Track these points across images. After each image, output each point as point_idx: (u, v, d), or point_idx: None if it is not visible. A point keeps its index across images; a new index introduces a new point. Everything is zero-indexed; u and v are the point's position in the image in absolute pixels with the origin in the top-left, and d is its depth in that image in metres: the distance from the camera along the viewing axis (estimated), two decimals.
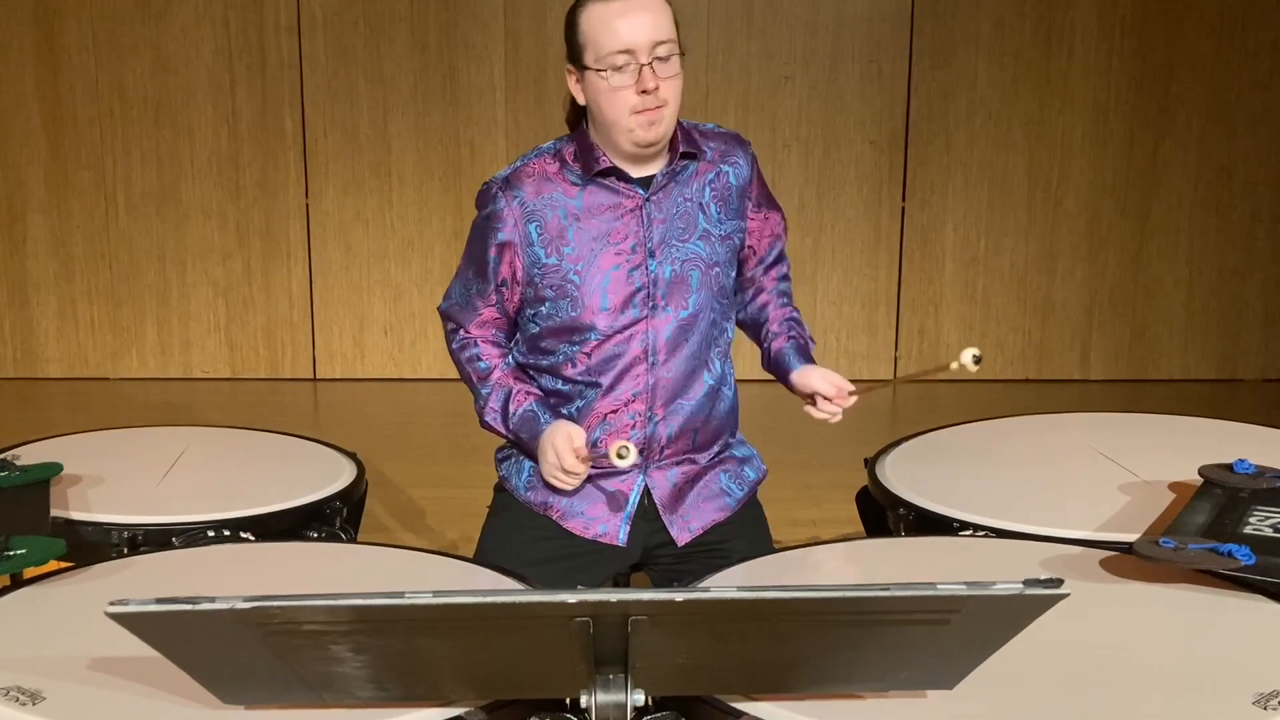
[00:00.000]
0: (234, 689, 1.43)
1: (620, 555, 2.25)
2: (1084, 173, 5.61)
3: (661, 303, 2.18)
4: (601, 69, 2.08)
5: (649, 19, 2.07)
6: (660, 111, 2.10)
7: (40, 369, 5.82)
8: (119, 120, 5.61)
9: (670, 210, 2.20)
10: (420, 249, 5.71)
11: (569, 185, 2.17)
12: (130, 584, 1.88)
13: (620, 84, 2.07)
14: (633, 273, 2.16)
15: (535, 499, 2.26)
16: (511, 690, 1.47)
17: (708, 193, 2.23)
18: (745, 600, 1.26)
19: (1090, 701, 1.49)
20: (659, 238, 2.18)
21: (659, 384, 2.20)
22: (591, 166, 2.16)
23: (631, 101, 2.08)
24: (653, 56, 2.07)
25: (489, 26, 5.54)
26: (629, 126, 2.10)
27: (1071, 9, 5.48)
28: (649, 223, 2.18)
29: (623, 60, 2.06)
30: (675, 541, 2.24)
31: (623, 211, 2.17)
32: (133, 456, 2.62)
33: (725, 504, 2.29)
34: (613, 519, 2.22)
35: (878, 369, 5.75)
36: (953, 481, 2.35)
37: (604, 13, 2.07)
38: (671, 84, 2.10)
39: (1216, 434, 2.64)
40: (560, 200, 2.16)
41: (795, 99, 5.57)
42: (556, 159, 2.20)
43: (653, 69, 2.07)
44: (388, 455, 4.42)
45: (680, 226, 2.20)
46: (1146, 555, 1.80)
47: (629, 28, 2.06)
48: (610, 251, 2.16)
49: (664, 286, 2.18)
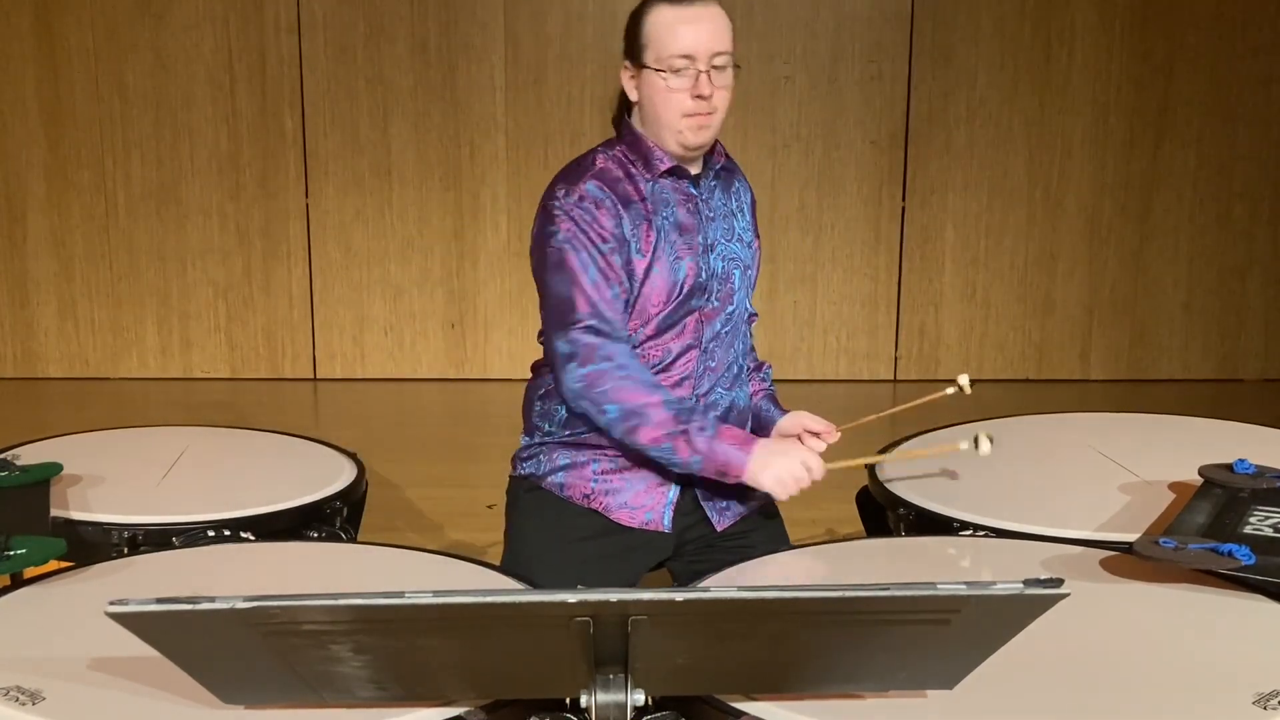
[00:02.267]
0: (234, 689, 1.43)
1: (662, 544, 2.28)
2: (1084, 173, 5.61)
3: (715, 295, 2.25)
4: (661, 69, 2.14)
5: (712, 28, 2.14)
6: (710, 118, 2.17)
7: (40, 369, 5.82)
8: (119, 120, 5.61)
9: (717, 210, 2.29)
10: (420, 249, 5.71)
11: (633, 183, 2.21)
12: (130, 584, 1.88)
13: (677, 86, 2.14)
14: (698, 262, 2.22)
15: (577, 494, 2.27)
16: (511, 690, 1.47)
17: (734, 202, 2.34)
18: (745, 600, 1.26)
19: (1090, 701, 1.49)
20: (713, 234, 2.26)
21: (706, 372, 2.26)
22: (655, 167, 2.21)
23: (685, 105, 2.14)
24: (710, 65, 2.13)
25: (489, 26, 5.54)
26: (679, 128, 2.16)
27: (1071, 9, 5.48)
28: (704, 220, 2.25)
29: (682, 64, 2.13)
30: (715, 527, 2.28)
31: (686, 206, 2.23)
32: (133, 456, 2.62)
33: (755, 493, 2.32)
34: (657, 505, 2.26)
35: (878, 369, 5.76)
36: (953, 481, 2.36)
37: (671, 16, 2.14)
38: (723, 94, 2.17)
39: (1216, 434, 2.65)
40: (634, 197, 2.20)
41: (795, 99, 5.57)
42: (613, 162, 2.22)
43: (709, 76, 2.13)
44: (388, 455, 4.42)
45: (725, 227, 2.29)
46: (1146, 555, 1.80)
47: (693, 34, 2.12)
48: (680, 243, 2.21)
49: (717, 281, 2.25)
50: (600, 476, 2.26)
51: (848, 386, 5.71)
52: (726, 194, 2.32)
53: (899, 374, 5.77)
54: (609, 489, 2.25)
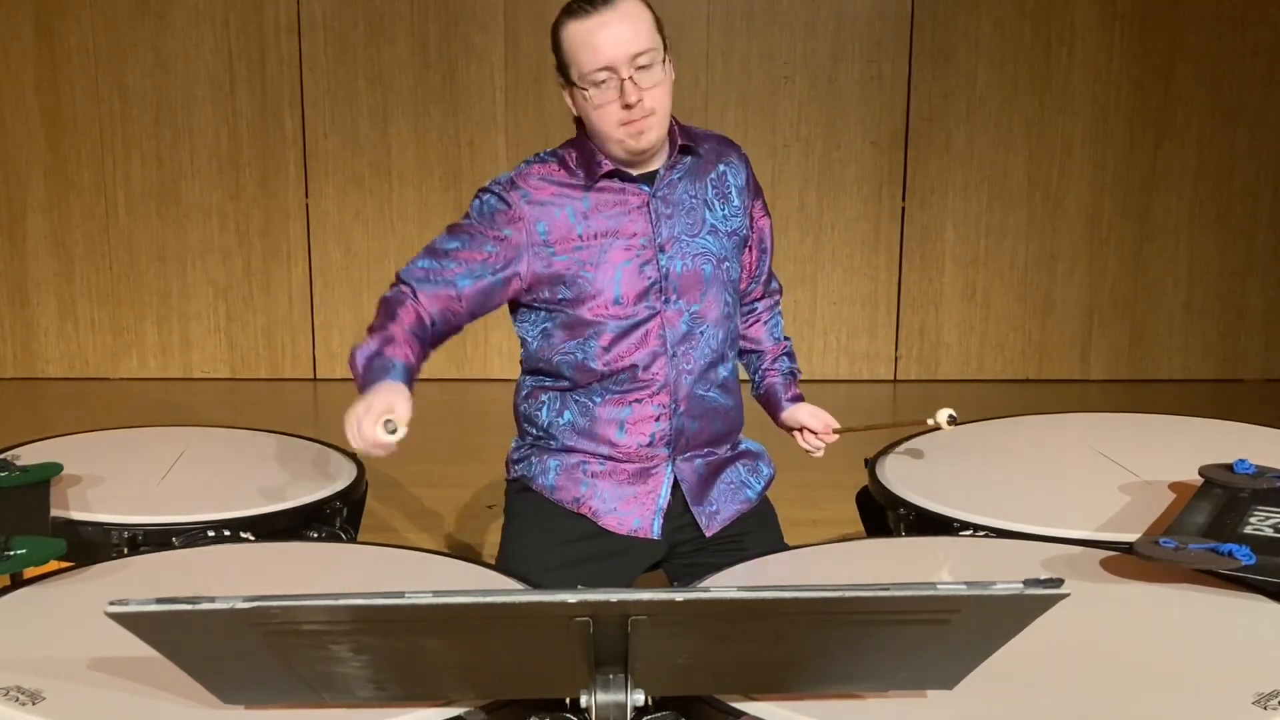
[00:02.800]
0: (234, 689, 1.43)
1: (651, 549, 2.27)
2: (1084, 173, 5.61)
3: (674, 296, 2.21)
4: (584, 87, 2.10)
5: (626, 30, 2.07)
6: (647, 121, 2.11)
7: (40, 369, 5.82)
8: (119, 120, 5.61)
9: (676, 206, 2.22)
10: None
11: (575, 188, 2.19)
12: (130, 584, 1.88)
13: (603, 100, 2.09)
14: (644, 268, 2.19)
15: (566, 497, 2.26)
16: (511, 690, 1.47)
17: (710, 189, 2.27)
18: (745, 600, 1.26)
19: (1090, 701, 1.49)
20: (668, 233, 2.20)
21: (680, 375, 2.23)
22: (595, 171, 2.17)
23: (617, 115, 2.10)
24: (633, 69, 2.07)
25: (489, 26, 5.54)
26: (618, 138, 2.13)
27: (1071, 9, 5.49)
28: (656, 219, 2.20)
29: (603, 76, 2.08)
30: (704, 532, 2.27)
31: (630, 209, 2.19)
32: (133, 456, 2.62)
33: (747, 496, 2.34)
34: (646, 512, 2.25)
35: (878, 369, 5.76)
36: (953, 481, 2.36)
37: (580, 30, 2.08)
38: (656, 92, 2.11)
39: (1216, 434, 2.65)
40: (567, 201, 2.18)
41: (795, 99, 5.57)
42: (560, 165, 2.21)
43: (634, 82, 2.07)
44: (388, 455, 4.42)
45: (688, 222, 2.23)
46: (1146, 555, 1.80)
47: (607, 43, 2.06)
48: (620, 247, 2.18)
49: (675, 280, 2.21)
50: (589, 480, 2.25)
51: (848, 386, 5.71)
52: (696, 184, 2.25)
53: (899, 374, 5.78)
54: (597, 494, 2.24)
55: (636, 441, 2.23)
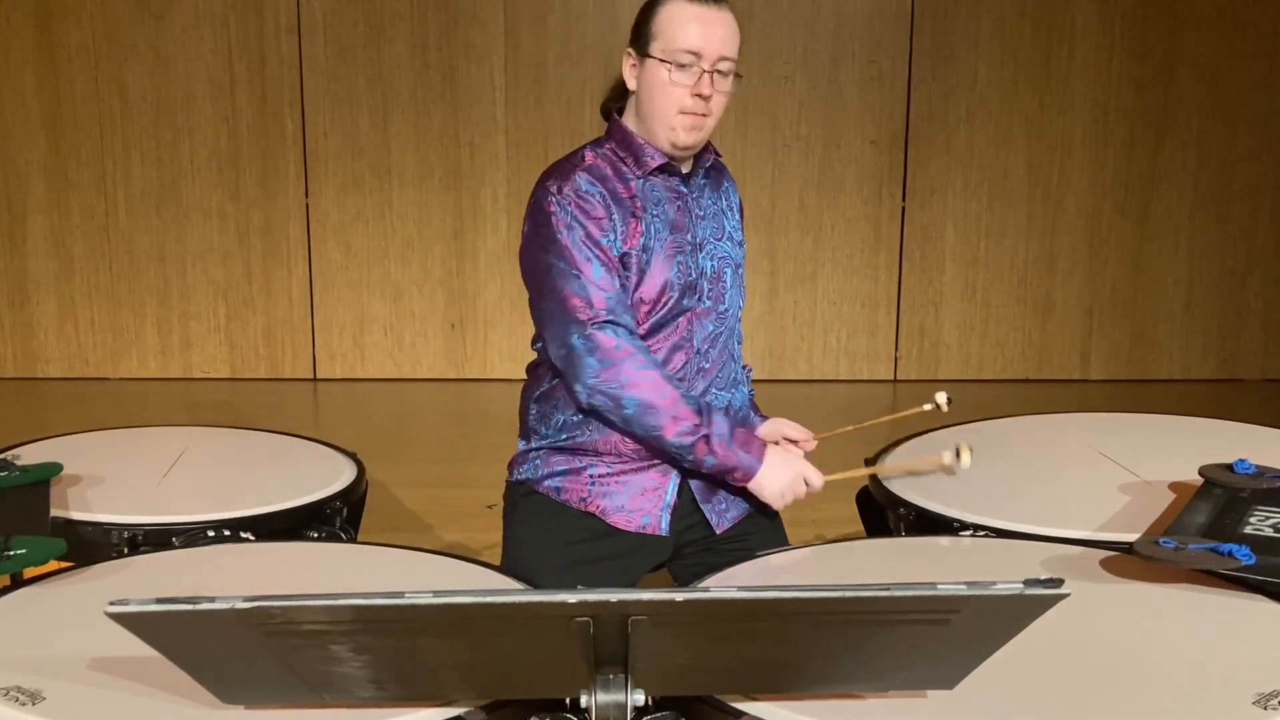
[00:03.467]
0: (234, 689, 1.43)
1: (660, 547, 2.27)
2: (1084, 173, 5.61)
3: (705, 295, 2.25)
4: (667, 61, 2.13)
5: (724, 32, 2.14)
6: (705, 120, 2.16)
7: (40, 369, 5.82)
8: (119, 120, 5.61)
9: (707, 209, 2.28)
10: (420, 249, 5.71)
11: (623, 179, 2.20)
12: (130, 584, 1.88)
13: (680, 81, 2.13)
14: (687, 262, 2.22)
15: (574, 497, 2.26)
16: (511, 690, 1.47)
17: (723, 200, 2.34)
18: (745, 600, 1.26)
19: (1090, 701, 1.49)
20: (702, 233, 2.25)
21: (699, 374, 2.25)
22: (645, 163, 2.20)
23: (684, 101, 2.14)
24: (715, 67, 2.13)
25: (489, 26, 5.54)
26: (672, 125, 2.16)
27: (1071, 9, 5.49)
28: (694, 217, 2.25)
29: (689, 60, 2.12)
30: (714, 529, 2.28)
31: (674, 204, 2.23)
32: (133, 456, 2.62)
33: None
34: (654, 509, 2.25)
35: (877, 369, 5.76)
36: (953, 481, 2.35)
37: (686, 11, 2.13)
38: (721, 99, 2.17)
39: (1216, 434, 2.64)
40: (623, 194, 2.19)
41: (795, 99, 5.57)
42: (602, 160, 2.21)
43: (712, 79, 2.13)
44: (388, 455, 4.42)
45: (714, 226, 2.29)
46: (1146, 555, 1.80)
47: (704, 33, 2.12)
48: (670, 241, 2.20)
49: (707, 280, 2.25)
50: (597, 480, 2.25)
51: (848, 386, 5.71)
52: (716, 193, 2.32)
53: (899, 374, 5.78)
54: (605, 492, 2.25)
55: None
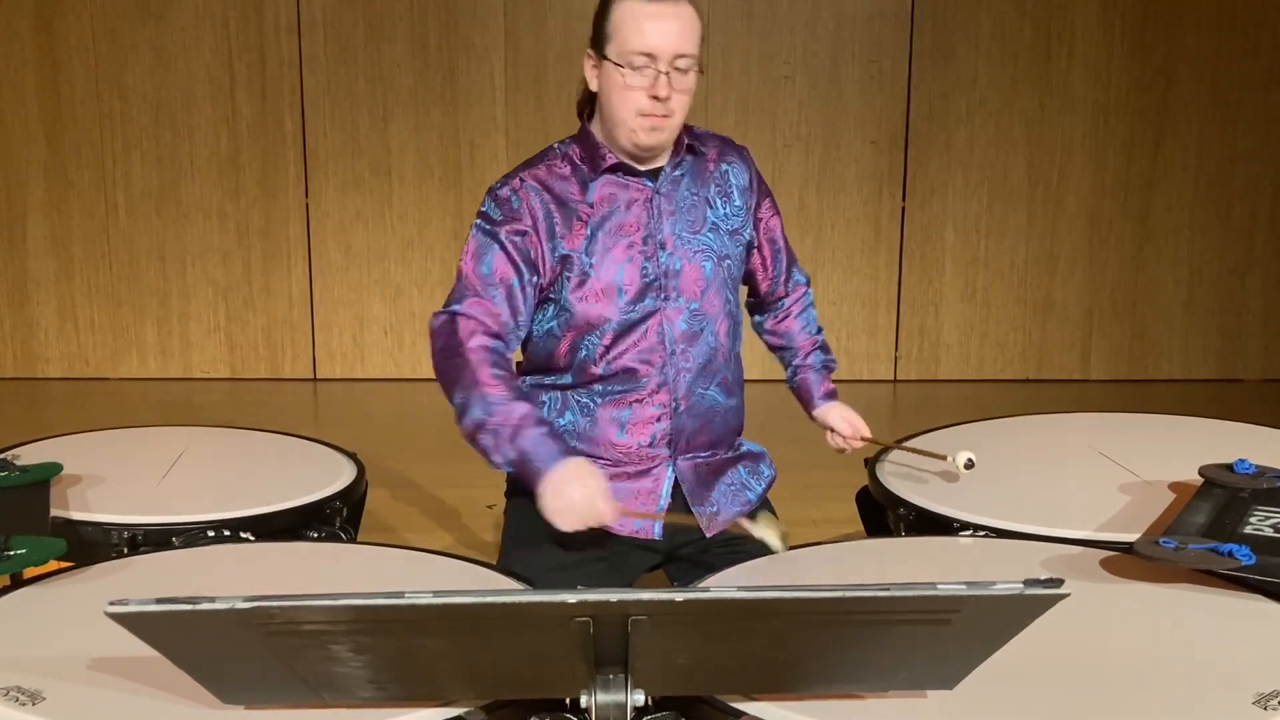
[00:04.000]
0: (234, 689, 1.43)
1: (653, 550, 2.27)
2: (1084, 173, 5.61)
3: (673, 294, 2.21)
4: (621, 64, 2.10)
5: (678, 28, 2.10)
6: (665, 120, 2.13)
7: (40, 369, 5.82)
8: (119, 120, 5.61)
9: (680, 204, 2.24)
10: (420, 249, 5.71)
11: (579, 183, 2.19)
12: (130, 584, 1.88)
13: (635, 84, 2.10)
14: (645, 264, 2.19)
15: None
16: (511, 690, 1.47)
17: (713, 188, 2.28)
18: (745, 600, 1.26)
19: (1090, 701, 1.49)
20: (669, 230, 2.22)
21: (680, 374, 2.23)
22: (599, 164, 2.19)
23: (641, 104, 2.11)
24: (672, 66, 2.10)
25: (489, 26, 5.54)
26: (632, 127, 2.13)
27: (1071, 9, 5.48)
28: (659, 215, 2.21)
29: (642, 62, 2.09)
30: (705, 532, 2.27)
31: (632, 204, 2.20)
32: (133, 456, 2.62)
33: (748, 498, 2.34)
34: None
35: (877, 369, 5.76)
36: (953, 481, 2.36)
37: (637, 11, 2.09)
38: (682, 98, 2.13)
39: (1216, 434, 2.65)
40: (572, 196, 2.18)
41: (795, 99, 5.57)
42: (565, 160, 2.22)
43: (669, 78, 2.09)
44: (388, 455, 4.42)
45: (690, 220, 2.24)
46: (1146, 555, 1.80)
47: (657, 32, 2.08)
48: (623, 244, 2.18)
49: (675, 278, 2.21)
50: None
51: (848, 386, 5.67)
52: (698, 182, 2.26)
53: (899, 374, 5.77)
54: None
55: (637, 442, 2.23)
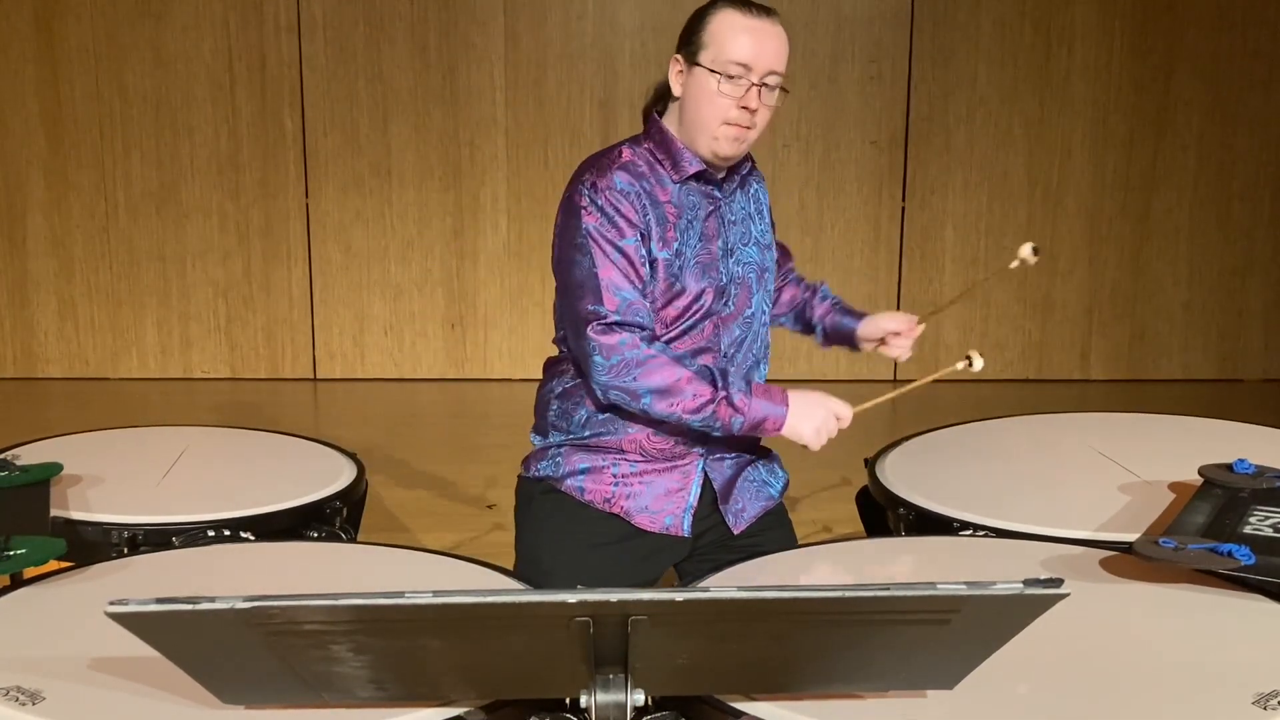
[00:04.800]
0: (234, 689, 1.43)
1: (680, 546, 2.28)
2: (1084, 173, 5.61)
3: (732, 301, 2.25)
4: (715, 70, 2.11)
5: (776, 46, 2.13)
6: (748, 133, 2.16)
7: (40, 369, 5.82)
8: (119, 120, 5.61)
9: (738, 214, 2.28)
10: (420, 249, 5.71)
11: (663, 184, 2.19)
12: (130, 584, 1.88)
13: (727, 92, 2.12)
14: (718, 268, 2.22)
15: (598, 498, 2.25)
16: (511, 690, 1.47)
17: (752, 204, 2.33)
18: (745, 600, 1.26)
19: (1090, 701, 1.49)
20: (733, 240, 2.25)
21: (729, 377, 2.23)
22: (683, 168, 2.19)
23: (730, 113, 2.12)
24: (763, 81, 2.12)
25: (489, 26, 5.54)
26: (715, 134, 2.14)
27: (1071, 9, 5.49)
28: (725, 224, 2.25)
29: (737, 71, 2.11)
30: (732, 530, 2.29)
31: (708, 211, 2.22)
32: (133, 456, 2.62)
33: (770, 494, 2.36)
34: (677, 510, 2.26)
35: (877, 369, 5.76)
36: (953, 481, 2.36)
37: (739, 22, 2.12)
38: (766, 113, 2.16)
39: (1216, 434, 2.65)
40: (660, 197, 2.18)
41: (795, 99, 5.57)
42: (640, 159, 2.20)
43: (759, 92, 2.12)
44: (388, 455, 4.43)
45: (743, 231, 2.29)
46: (1146, 555, 1.80)
47: (756, 46, 2.11)
48: (703, 248, 2.21)
49: (735, 286, 2.25)
50: (620, 479, 2.25)
51: (848, 386, 5.71)
52: (746, 197, 2.32)
53: (899, 374, 5.78)
54: (629, 493, 2.24)
55: (674, 438, 2.23)
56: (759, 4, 2.15)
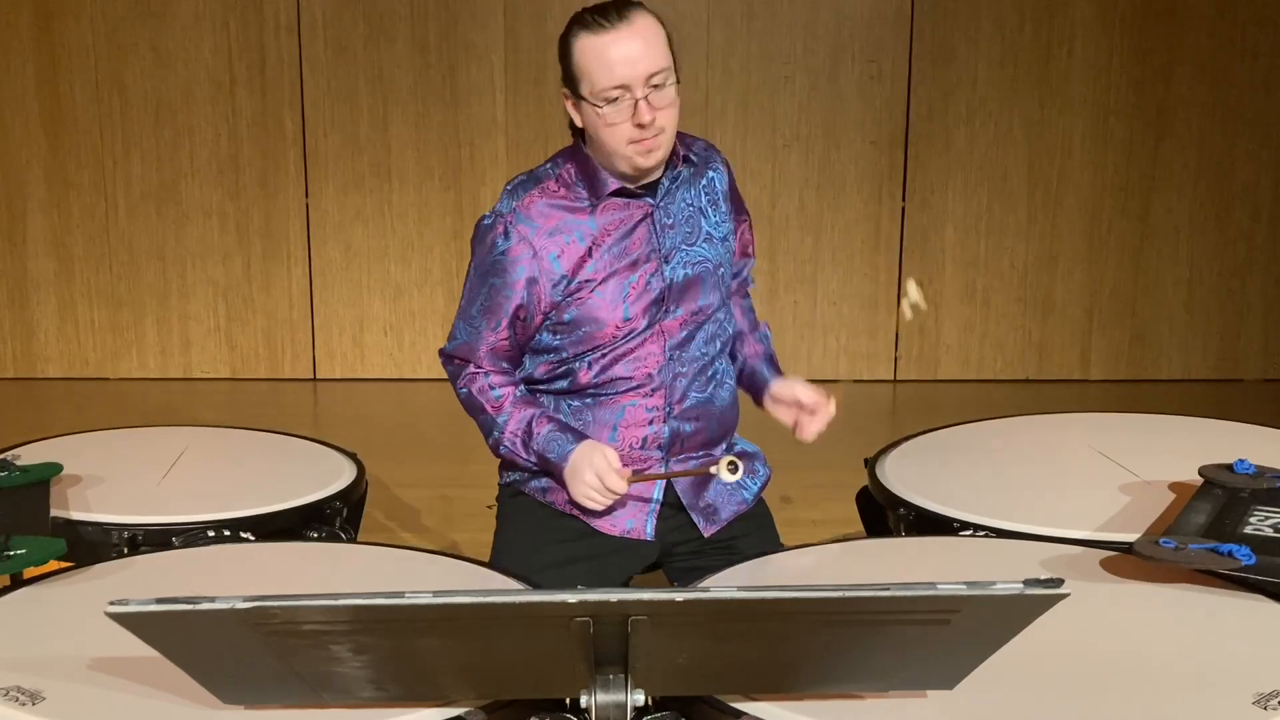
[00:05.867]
0: (234, 689, 1.43)
1: (645, 550, 2.26)
2: (1084, 173, 5.61)
3: (674, 305, 2.20)
4: (595, 103, 2.06)
5: (641, 49, 2.03)
6: (658, 140, 2.09)
7: (40, 369, 5.82)
8: (119, 120, 5.61)
9: (677, 216, 2.22)
10: (420, 249, 5.71)
11: (580, 210, 2.16)
12: (130, 584, 1.88)
13: (615, 118, 2.05)
14: (650, 280, 2.18)
15: (559, 499, 2.25)
16: (511, 690, 1.47)
17: (703, 197, 2.25)
18: (745, 600, 1.26)
19: (1090, 701, 1.49)
20: (670, 244, 2.20)
21: (675, 380, 2.22)
22: (600, 190, 2.15)
23: (628, 133, 2.06)
24: (648, 88, 2.04)
25: (489, 26, 5.54)
26: (624, 154, 2.09)
27: (1071, 9, 5.48)
28: (660, 230, 2.19)
29: (617, 94, 2.04)
30: (702, 533, 2.26)
31: (635, 223, 2.18)
32: (133, 456, 2.62)
33: (744, 498, 2.32)
34: (639, 514, 2.24)
35: (877, 369, 5.75)
36: (953, 481, 2.36)
37: (596, 45, 2.04)
38: (668, 111, 2.08)
39: (1216, 434, 2.65)
40: (574, 225, 2.15)
41: (795, 99, 5.57)
42: (559, 183, 2.18)
43: (648, 102, 2.04)
44: (388, 455, 4.42)
45: (687, 231, 2.22)
46: (1146, 555, 1.80)
47: (622, 62, 2.02)
48: (628, 264, 2.17)
49: (675, 291, 2.20)
50: None
51: (848, 387, 5.71)
52: (694, 191, 2.24)
53: (899, 374, 5.77)
54: None
55: (629, 444, 2.22)
56: (608, 8, 2.06)
